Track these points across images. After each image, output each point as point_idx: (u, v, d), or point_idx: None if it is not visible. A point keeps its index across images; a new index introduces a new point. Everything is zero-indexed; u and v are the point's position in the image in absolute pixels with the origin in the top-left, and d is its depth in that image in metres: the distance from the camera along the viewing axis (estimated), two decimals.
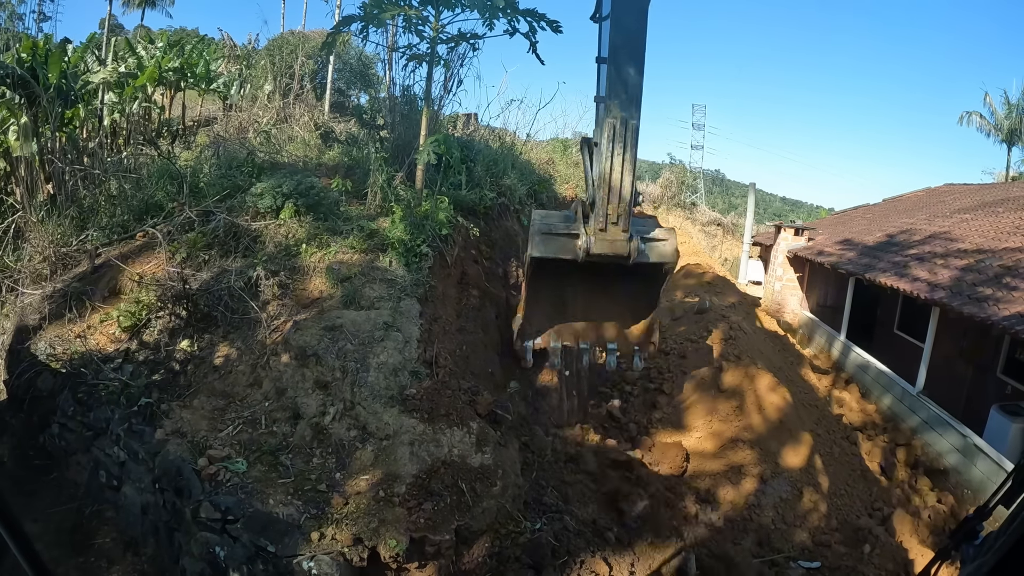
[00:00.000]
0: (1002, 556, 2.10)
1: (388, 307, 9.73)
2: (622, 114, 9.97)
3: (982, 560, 2.26)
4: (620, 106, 10.02)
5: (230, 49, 26.83)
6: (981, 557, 2.31)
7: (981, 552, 2.40)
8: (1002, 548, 2.12)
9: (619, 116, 9.95)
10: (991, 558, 2.16)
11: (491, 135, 20.34)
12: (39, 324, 10.37)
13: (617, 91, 10.09)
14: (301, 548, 6.44)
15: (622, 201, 10.14)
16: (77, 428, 9.20)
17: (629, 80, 10.10)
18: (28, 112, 12.50)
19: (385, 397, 8.30)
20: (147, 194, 12.81)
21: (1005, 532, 2.14)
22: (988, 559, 2.18)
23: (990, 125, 45.01)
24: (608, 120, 9.99)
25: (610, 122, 9.96)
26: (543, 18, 11.48)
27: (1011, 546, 2.08)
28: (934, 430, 14.14)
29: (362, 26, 12.15)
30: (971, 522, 2.69)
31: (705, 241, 41.16)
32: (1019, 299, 12.22)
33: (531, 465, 8.97)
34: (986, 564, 2.17)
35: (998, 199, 21.23)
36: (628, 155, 10.09)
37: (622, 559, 7.56)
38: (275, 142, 16.04)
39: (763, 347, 16.27)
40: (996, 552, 2.14)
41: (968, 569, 2.45)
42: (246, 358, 9.27)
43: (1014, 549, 2.07)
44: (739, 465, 11.38)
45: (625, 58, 10.11)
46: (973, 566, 2.37)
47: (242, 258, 10.82)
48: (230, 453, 7.59)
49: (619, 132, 9.96)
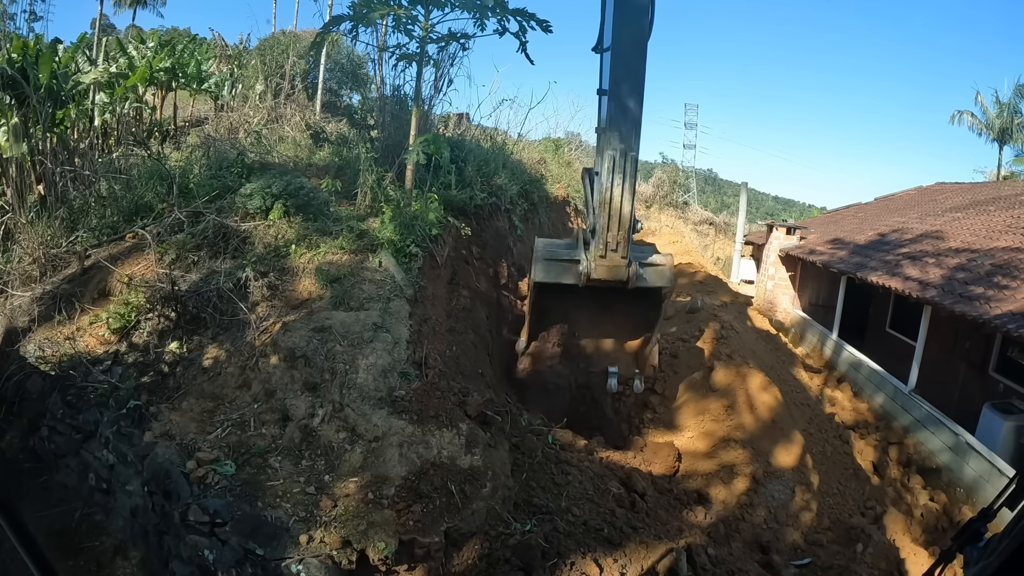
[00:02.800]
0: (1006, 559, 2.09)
1: (377, 308, 9.69)
2: (621, 146, 10.50)
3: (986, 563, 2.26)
4: (620, 138, 10.54)
5: (221, 49, 26.71)
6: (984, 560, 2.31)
7: (984, 555, 2.40)
8: (1005, 551, 2.11)
9: (619, 148, 10.48)
10: (994, 560, 2.16)
11: (482, 135, 20.32)
12: (28, 326, 10.31)
13: (618, 123, 10.60)
14: (290, 551, 6.40)
15: (622, 228, 10.67)
16: (66, 431, 9.13)
17: (629, 113, 10.61)
18: (18, 113, 12.40)
19: (374, 399, 8.26)
20: (137, 195, 12.73)
21: (1009, 535, 2.14)
22: (991, 562, 2.18)
23: (982, 124, 45.22)
24: (608, 152, 10.50)
25: (610, 153, 10.48)
26: (533, 17, 11.49)
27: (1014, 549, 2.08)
28: (926, 428, 14.17)
29: (352, 26, 12.13)
30: (974, 524, 2.68)
31: (697, 240, 41.24)
32: (1011, 297, 12.25)
33: (521, 466, 8.93)
34: (989, 567, 2.17)
35: (989, 198, 21.31)
36: (628, 185, 10.60)
37: (613, 560, 7.52)
38: (266, 142, 15.98)
39: (755, 346, 16.26)
40: (1000, 555, 2.14)
41: (972, 572, 2.44)
42: (235, 360, 9.22)
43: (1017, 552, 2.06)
44: (731, 465, 11.38)
45: (626, 92, 10.60)
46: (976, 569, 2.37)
47: (231, 259, 10.77)
48: (219, 456, 7.54)
49: (619, 163, 10.49)
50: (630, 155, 10.56)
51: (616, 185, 10.53)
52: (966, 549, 2.67)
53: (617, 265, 10.85)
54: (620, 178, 10.52)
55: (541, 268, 11.17)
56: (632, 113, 10.65)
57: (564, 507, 8.34)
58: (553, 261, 11.17)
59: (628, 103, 10.62)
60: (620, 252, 10.79)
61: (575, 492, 8.83)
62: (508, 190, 15.68)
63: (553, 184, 21.58)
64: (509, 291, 14.68)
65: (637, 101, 10.66)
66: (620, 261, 10.84)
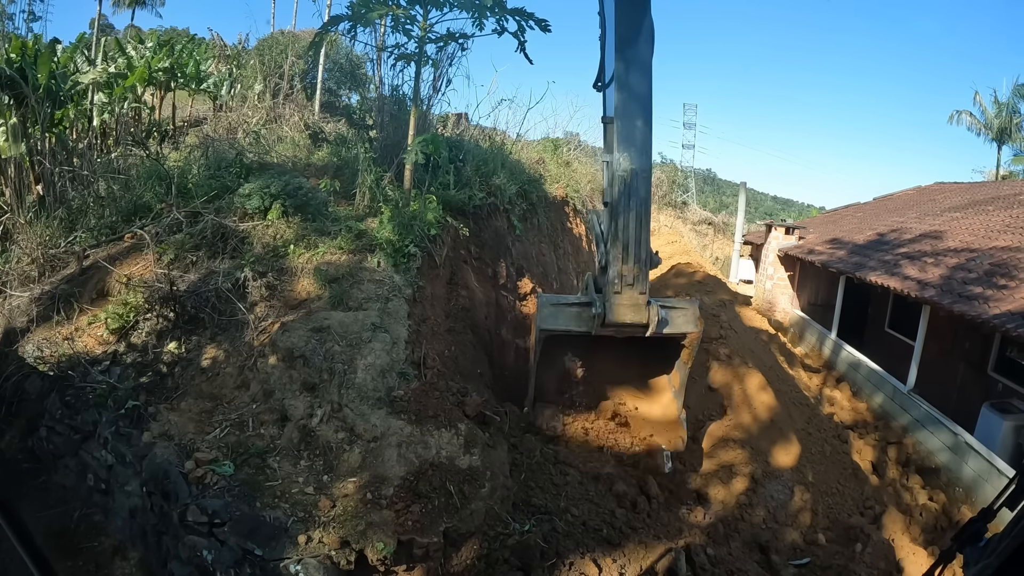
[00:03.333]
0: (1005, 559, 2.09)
1: (376, 308, 9.68)
2: (633, 167, 9.67)
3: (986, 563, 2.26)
4: (631, 159, 9.71)
5: (220, 49, 26.70)
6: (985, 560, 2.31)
7: (985, 555, 2.40)
8: (1005, 551, 2.12)
9: (629, 169, 9.66)
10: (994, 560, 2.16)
11: (481, 134, 20.29)
12: (27, 327, 10.30)
13: (627, 145, 9.77)
14: (288, 551, 6.41)
15: (638, 261, 9.61)
16: (65, 431, 9.13)
17: (638, 134, 9.82)
18: (17, 113, 12.39)
19: (373, 399, 8.26)
20: (135, 195, 12.74)
21: (1009, 535, 2.15)
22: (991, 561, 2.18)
23: (980, 124, 45.23)
24: (619, 175, 9.68)
25: (621, 175, 9.66)
26: (531, 17, 11.46)
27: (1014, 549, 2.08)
28: (925, 428, 14.17)
29: (350, 26, 12.12)
30: (974, 524, 2.68)
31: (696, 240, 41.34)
32: (1009, 297, 12.26)
33: (520, 466, 8.94)
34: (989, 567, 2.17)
35: (988, 197, 21.32)
36: (643, 209, 9.69)
37: (612, 560, 7.53)
38: (264, 142, 15.97)
39: (754, 346, 16.26)
40: (999, 555, 2.14)
41: (972, 572, 2.44)
42: (233, 360, 9.22)
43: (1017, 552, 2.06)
44: (730, 464, 11.38)
45: (636, 112, 9.88)
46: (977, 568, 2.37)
47: (230, 259, 10.76)
48: (217, 456, 7.55)
49: (631, 185, 9.63)
50: (642, 176, 9.72)
51: (631, 209, 9.61)
52: (966, 549, 2.68)
53: (637, 304, 9.65)
54: (635, 201, 9.62)
55: (547, 315, 9.95)
56: (642, 133, 9.83)
57: (563, 507, 8.35)
58: (561, 306, 10.00)
59: (637, 123, 9.85)
60: (638, 288, 9.64)
61: (574, 492, 8.84)
62: (507, 190, 15.66)
63: (552, 184, 21.54)
64: (508, 291, 14.66)
65: (646, 121, 9.89)
66: (640, 298, 9.66)
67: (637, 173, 9.66)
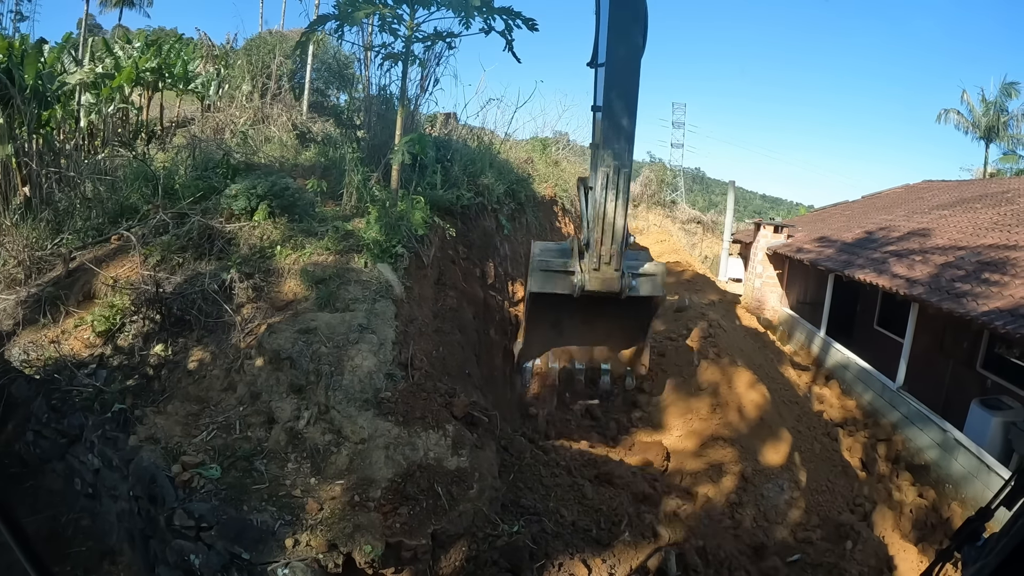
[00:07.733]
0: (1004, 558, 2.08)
1: (363, 309, 9.64)
2: (615, 163, 10.90)
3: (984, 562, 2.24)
4: (614, 155, 10.91)
5: (208, 49, 26.54)
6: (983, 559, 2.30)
7: (983, 554, 2.39)
8: (1004, 550, 2.10)
9: (612, 164, 10.89)
10: (993, 560, 2.15)
11: (469, 134, 20.26)
12: (13, 330, 10.22)
13: (611, 140, 10.94)
14: (276, 555, 6.37)
15: (615, 243, 11.15)
16: (52, 435, 9.05)
17: (622, 130, 10.96)
18: (3, 114, 12.30)
19: (360, 400, 8.22)
20: (122, 197, 12.64)
21: (1007, 534, 2.13)
22: (990, 561, 2.17)
23: (968, 122, 45.48)
24: (602, 168, 10.93)
25: (603, 170, 10.92)
26: (519, 16, 11.45)
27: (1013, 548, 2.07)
28: (915, 425, 14.22)
29: (337, 25, 12.09)
30: (972, 524, 2.67)
31: (685, 239, 41.39)
32: (998, 294, 12.31)
33: (509, 467, 8.92)
34: (988, 566, 2.16)
35: (976, 195, 21.45)
36: (621, 200, 11.04)
37: (601, 560, 7.52)
38: (252, 143, 15.90)
39: (743, 344, 16.31)
40: (998, 554, 2.13)
41: (970, 571, 2.43)
42: (220, 362, 9.17)
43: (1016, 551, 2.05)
44: (719, 463, 11.41)
45: (619, 109, 10.94)
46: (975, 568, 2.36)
47: (216, 261, 10.69)
48: (204, 459, 7.49)
49: (612, 179, 10.92)
50: (623, 172, 11.01)
51: (609, 201, 10.95)
52: (964, 548, 2.67)
53: (610, 278, 11.32)
54: (614, 194, 10.94)
55: (538, 279, 11.64)
56: (625, 130, 10.95)
57: (552, 508, 8.33)
58: (549, 272, 11.60)
59: (621, 121, 10.92)
60: (613, 265, 11.26)
61: (563, 493, 8.82)
62: (495, 190, 15.63)
63: (540, 183, 21.51)
64: (496, 291, 14.64)
65: (630, 118, 10.96)
66: (613, 274, 11.31)
67: (619, 169, 10.93)
